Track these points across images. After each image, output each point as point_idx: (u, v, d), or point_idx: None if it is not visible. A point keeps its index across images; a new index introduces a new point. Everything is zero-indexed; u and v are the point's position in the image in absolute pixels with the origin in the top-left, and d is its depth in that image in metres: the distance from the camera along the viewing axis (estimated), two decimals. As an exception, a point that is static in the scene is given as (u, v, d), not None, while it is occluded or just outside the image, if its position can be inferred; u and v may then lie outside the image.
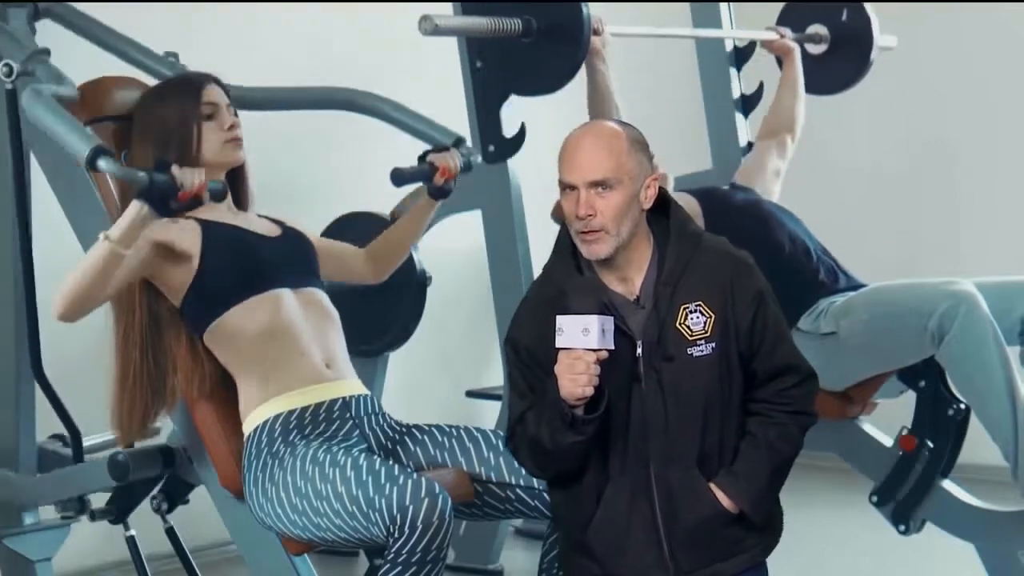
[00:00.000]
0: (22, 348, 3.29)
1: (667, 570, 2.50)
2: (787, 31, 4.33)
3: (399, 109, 3.33)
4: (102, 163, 2.63)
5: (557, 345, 2.41)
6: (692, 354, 2.50)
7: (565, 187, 2.52)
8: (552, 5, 3.56)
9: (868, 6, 4.40)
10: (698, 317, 2.51)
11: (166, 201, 2.59)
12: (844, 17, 4.40)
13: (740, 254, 2.61)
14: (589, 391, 2.39)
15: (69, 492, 3.26)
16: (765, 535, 2.60)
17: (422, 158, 3.11)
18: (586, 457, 2.51)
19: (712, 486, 2.51)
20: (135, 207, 2.59)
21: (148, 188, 2.57)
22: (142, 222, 2.61)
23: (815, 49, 4.42)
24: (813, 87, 4.23)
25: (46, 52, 3.06)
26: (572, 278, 2.53)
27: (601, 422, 2.45)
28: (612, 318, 2.43)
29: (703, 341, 2.50)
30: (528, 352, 2.54)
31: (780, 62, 4.32)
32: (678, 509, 2.49)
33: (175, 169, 2.60)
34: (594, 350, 2.39)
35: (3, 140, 3.19)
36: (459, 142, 3.21)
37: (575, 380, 2.38)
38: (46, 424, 3.46)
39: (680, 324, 2.50)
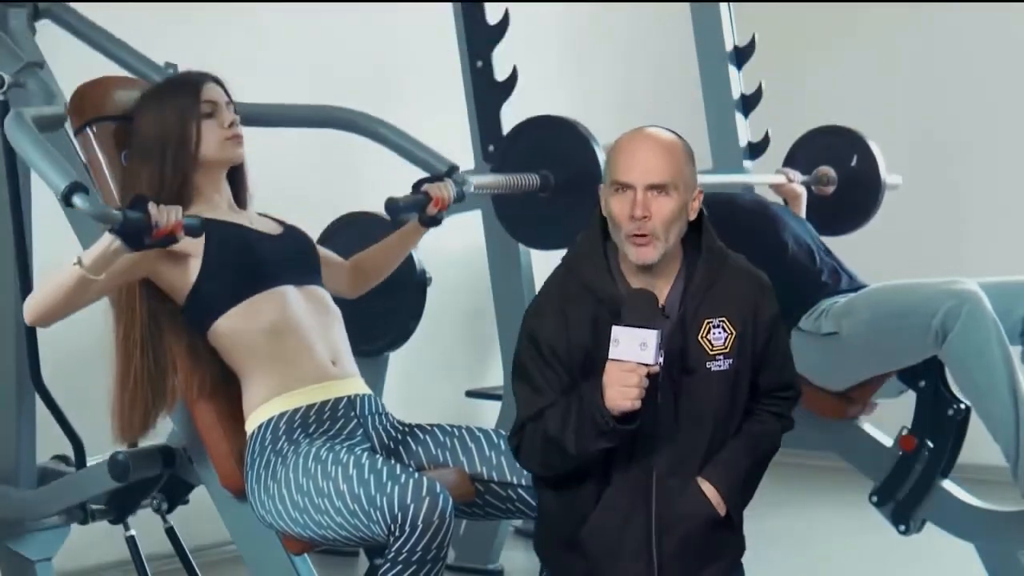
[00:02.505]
0: (22, 361, 3.27)
1: None
2: (796, 174, 4.31)
3: (398, 134, 3.35)
4: (77, 200, 2.57)
5: (611, 357, 2.37)
6: (711, 368, 2.49)
7: (619, 187, 2.47)
8: (569, 160, 3.66)
9: (874, 147, 4.40)
10: (720, 332, 2.49)
11: (140, 238, 2.58)
12: (854, 163, 4.40)
13: (761, 275, 2.60)
14: (638, 404, 2.37)
15: (70, 500, 3.24)
16: (738, 536, 2.59)
17: (416, 186, 3.13)
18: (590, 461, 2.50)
19: (698, 479, 2.50)
20: (107, 239, 2.60)
21: (121, 225, 2.56)
22: (113, 255, 2.62)
23: (823, 190, 4.40)
24: (822, 228, 4.11)
25: (39, 64, 3.05)
26: (612, 283, 2.49)
27: None
28: (661, 332, 2.38)
29: (722, 356, 2.49)
30: (550, 348, 2.49)
31: (786, 201, 4.27)
32: (673, 518, 2.48)
33: (151, 207, 2.58)
34: (648, 365, 2.36)
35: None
36: (452, 170, 3.23)
37: (625, 393, 2.36)
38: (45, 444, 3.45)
39: (702, 337, 2.49)
